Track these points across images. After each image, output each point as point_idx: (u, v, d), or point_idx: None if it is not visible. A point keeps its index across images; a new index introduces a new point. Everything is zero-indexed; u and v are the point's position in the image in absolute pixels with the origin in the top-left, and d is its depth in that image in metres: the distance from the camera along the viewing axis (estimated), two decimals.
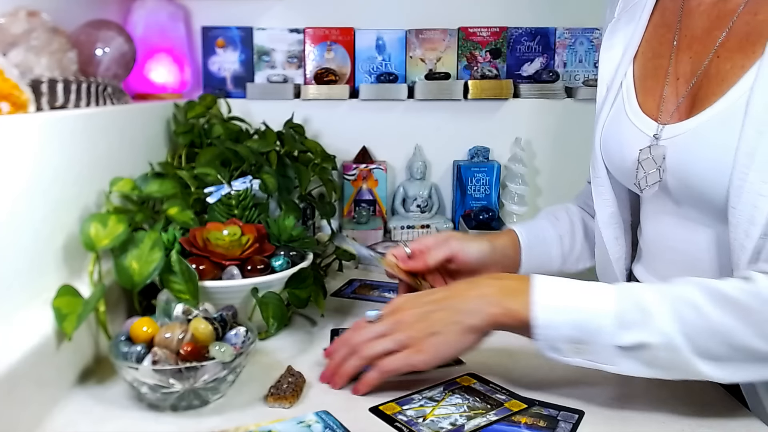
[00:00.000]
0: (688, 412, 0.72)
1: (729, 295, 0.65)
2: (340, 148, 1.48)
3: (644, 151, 0.80)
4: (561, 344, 0.69)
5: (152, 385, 0.69)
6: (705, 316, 0.65)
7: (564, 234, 1.01)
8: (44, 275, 0.77)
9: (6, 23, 0.86)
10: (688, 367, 0.66)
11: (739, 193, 0.69)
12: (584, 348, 0.68)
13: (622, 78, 0.87)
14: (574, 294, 0.70)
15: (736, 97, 0.71)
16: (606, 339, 0.67)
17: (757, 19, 0.73)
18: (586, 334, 0.68)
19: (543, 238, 1.00)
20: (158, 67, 1.38)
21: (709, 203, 0.74)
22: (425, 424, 0.68)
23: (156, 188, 0.96)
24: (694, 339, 0.65)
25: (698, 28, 0.80)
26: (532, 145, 1.54)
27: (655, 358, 0.66)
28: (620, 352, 0.67)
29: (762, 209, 0.67)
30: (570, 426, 0.68)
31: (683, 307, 0.66)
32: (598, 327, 0.67)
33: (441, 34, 1.51)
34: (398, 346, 0.73)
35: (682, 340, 0.65)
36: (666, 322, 0.66)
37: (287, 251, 0.94)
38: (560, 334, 0.69)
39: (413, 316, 0.75)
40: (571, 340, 0.68)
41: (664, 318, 0.66)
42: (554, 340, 0.69)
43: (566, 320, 0.68)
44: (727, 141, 0.70)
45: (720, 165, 0.71)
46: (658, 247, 0.86)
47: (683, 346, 0.65)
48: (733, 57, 0.74)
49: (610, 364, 0.68)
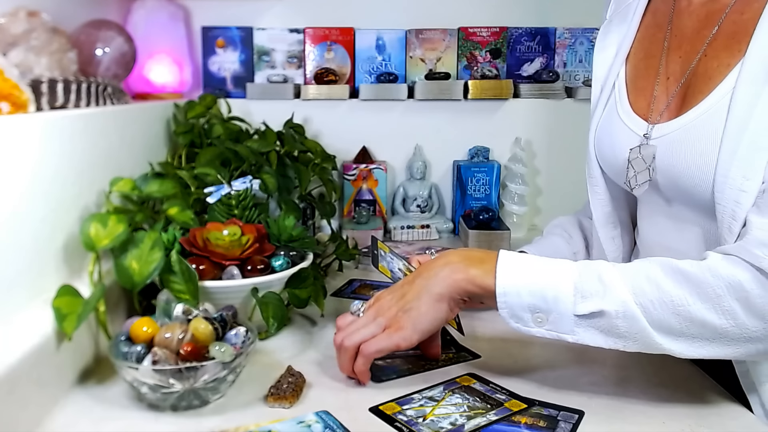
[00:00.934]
0: (688, 412, 0.72)
1: (683, 269, 0.67)
2: (340, 148, 1.48)
3: (634, 151, 0.81)
4: (522, 313, 0.71)
5: (152, 385, 0.69)
6: (659, 286, 0.67)
7: (578, 251, 1.01)
8: (44, 275, 0.77)
9: (6, 23, 0.86)
10: (645, 338, 0.68)
11: (722, 189, 0.70)
12: (544, 317, 0.70)
13: (615, 78, 0.88)
14: (537, 266, 0.72)
15: (720, 96, 0.72)
16: (565, 308, 0.69)
17: (743, 18, 0.74)
18: (546, 303, 0.70)
19: None
20: (158, 67, 1.38)
21: (698, 201, 0.75)
22: (425, 424, 0.68)
23: (156, 188, 0.96)
24: (649, 309, 0.67)
25: (688, 28, 0.81)
26: (532, 145, 1.54)
27: (612, 326, 0.68)
28: (579, 320, 0.69)
29: (743, 205, 0.68)
30: (570, 426, 0.68)
31: (640, 279, 0.68)
32: (558, 296, 0.69)
33: (441, 34, 1.51)
34: (379, 330, 0.76)
35: (638, 309, 0.67)
36: (623, 292, 0.67)
37: (287, 251, 0.94)
38: (521, 301, 0.70)
39: (390, 301, 0.77)
40: (531, 309, 0.70)
41: (622, 289, 0.68)
42: (515, 307, 0.71)
43: (527, 288, 0.70)
44: (712, 139, 0.72)
45: (706, 162, 0.72)
46: (653, 246, 0.86)
47: (639, 315, 0.67)
48: (720, 56, 0.75)
49: (570, 333, 0.70)
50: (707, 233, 0.77)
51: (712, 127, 0.72)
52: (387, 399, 0.73)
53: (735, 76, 0.71)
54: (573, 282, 0.69)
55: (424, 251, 0.98)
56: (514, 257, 0.73)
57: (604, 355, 0.81)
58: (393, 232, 1.45)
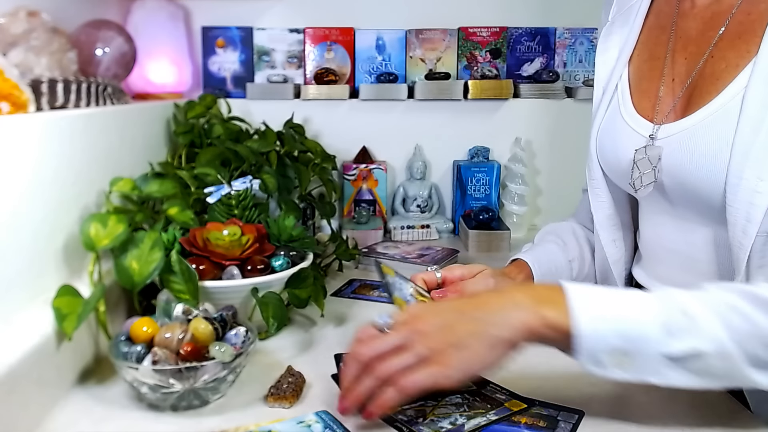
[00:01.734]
0: (688, 412, 0.72)
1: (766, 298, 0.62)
2: (340, 148, 1.48)
3: (640, 151, 0.80)
4: (604, 356, 0.63)
5: (152, 385, 0.69)
6: (752, 321, 0.62)
7: (574, 258, 0.98)
8: (44, 275, 0.77)
9: (6, 23, 0.86)
10: (739, 375, 0.63)
11: (736, 191, 0.69)
12: (628, 360, 0.63)
13: (618, 80, 0.88)
14: (615, 302, 0.65)
15: (730, 96, 0.72)
16: (653, 348, 0.62)
17: (750, 18, 0.74)
18: (629, 343, 0.63)
19: (555, 267, 0.95)
20: (158, 67, 1.38)
21: (704, 202, 0.74)
22: (425, 424, 0.68)
23: (156, 188, 0.96)
24: (745, 346, 0.62)
25: (693, 29, 0.81)
26: (532, 145, 1.54)
27: (707, 367, 0.62)
28: (668, 362, 0.62)
29: (759, 206, 0.67)
30: (570, 426, 0.68)
31: (729, 313, 0.62)
32: (645, 335, 0.62)
33: (441, 34, 1.51)
34: (418, 360, 0.64)
35: (734, 347, 0.61)
36: (715, 329, 0.62)
37: (287, 251, 0.94)
38: (605, 344, 0.63)
39: (434, 327, 0.66)
40: (615, 352, 0.63)
41: (713, 324, 0.62)
42: (598, 351, 0.63)
43: (611, 329, 0.63)
44: (722, 139, 0.71)
45: (715, 163, 0.71)
46: (656, 248, 0.86)
47: (735, 353, 0.61)
48: (727, 57, 0.74)
49: (656, 375, 0.63)
50: (711, 235, 0.76)
51: (722, 127, 0.71)
52: None
53: (745, 76, 0.71)
54: (659, 318, 0.63)
55: (427, 268, 0.91)
56: (584, 293, 0.66)
57: None
58: (393, 232, 1.45)
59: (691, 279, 0.80)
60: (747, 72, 0.71)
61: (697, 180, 0.74)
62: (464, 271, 0.88)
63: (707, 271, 0.78)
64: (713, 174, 0.71)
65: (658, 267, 0.86)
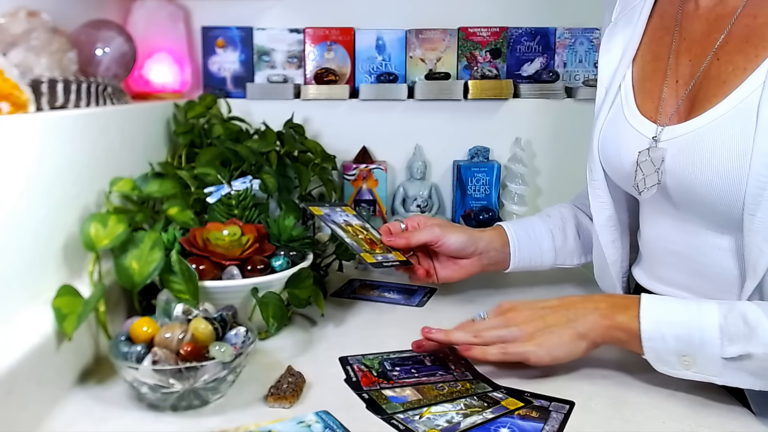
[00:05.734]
0: (688, 412, 0.72)
1: None
2: (340, 148, 1.48)
3: (643, 153, 0.80)
4: (669, 357, 0.71)
5: (152, 385, 0.69)
6: None
7: (555, 228, 1.03)
8: (44, 275, 0.77)
9: (6, 23, 0.86)
10: None
11: (758, 201, 0.69)
12: (691, 361, 0.70)
13: (621, 81, 0.87)
14: (680, 309, 0.72)
15: (738, 100, 0.71)
16: (712, 351, 0.69)
17: (757, 21, 0.73)
18: (692, 347, 0.70)
19: (533, 233, 1.03)
20: (158, 67, 1.38)
21: (709, 206, 0.74)
22: (422, 422, 0.68)
23: (156, 188, 0.96)
24: None
25: (697, 31, 0.80)
26: (532, 145, 1.54)
27: (761, 368, 0.68)
28: (727, 363, 0.68)
29: None
30: (561, 416, 0.70)
31: None
32: (704, 339, 0.69)
33: (441, 34, 1.51)
34: (512, 337, 0.77)
35: None
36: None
37: (287, 251, 0.94)
38: (667, 346, 0.71)
39: (527, 316, 0.79)
40: (678, 353, 0.71)
41: None
42: (662, 352, 0.71)
43: (672, 333, 0.71)
44: (733, 143, 0.70)
45: (722, 166, 0.71)
46: (657, 249, 0.86)
47: None
48: (734, 59, 0.74)
49: (717, 376, 0.70)
50: (715, 238, 0.76)
51: (731, 131, 0.71)
52: None
53: (755, 80, 0.70)
54: (718, 325, 0.69)
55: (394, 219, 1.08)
56: (655, 302, 0.74)
57: (603, 355, 0.81)
58: None
59: (692, 281, 0.80)
60: (757, 76, 0.70)
61: (701, 184, 0.73)
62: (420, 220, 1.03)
63: (709, 274, 0.78)
64: (719, 177, 0.71)
65: (659, 268, 0.86)
